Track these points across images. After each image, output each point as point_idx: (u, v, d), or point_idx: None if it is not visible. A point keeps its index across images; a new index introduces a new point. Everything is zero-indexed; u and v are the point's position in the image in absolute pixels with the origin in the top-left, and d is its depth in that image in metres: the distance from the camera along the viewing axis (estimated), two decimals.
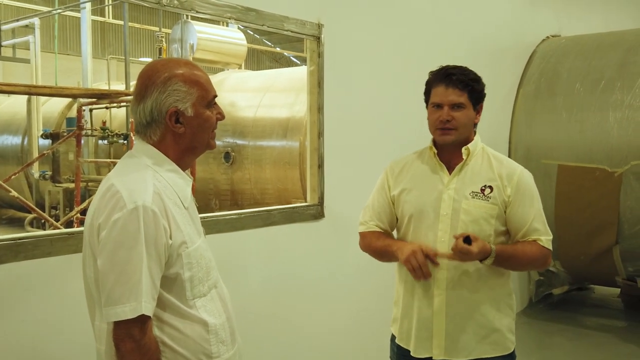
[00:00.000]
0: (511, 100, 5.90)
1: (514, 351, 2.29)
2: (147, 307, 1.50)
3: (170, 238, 1.57)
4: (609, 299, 6.42)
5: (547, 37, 6.32)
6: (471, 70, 2.24)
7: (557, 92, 5.69)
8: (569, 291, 6.22)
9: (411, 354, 2.25)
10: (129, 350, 1.50)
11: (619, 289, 6.14)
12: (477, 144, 2.26)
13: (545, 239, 2.20)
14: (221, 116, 1.72)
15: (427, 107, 2.27)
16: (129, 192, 1.53)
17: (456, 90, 2.16)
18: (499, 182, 2.20)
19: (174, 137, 1.65)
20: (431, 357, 2.22)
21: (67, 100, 9.58)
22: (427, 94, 2.27)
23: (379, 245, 2.31)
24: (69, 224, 7.11)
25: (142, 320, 1.50)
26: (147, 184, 1.56)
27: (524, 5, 6.01)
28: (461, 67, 2.25)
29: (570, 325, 5.59)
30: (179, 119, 1.63)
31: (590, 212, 5.27)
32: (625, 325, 5.77)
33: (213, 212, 3.87)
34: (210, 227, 3.00)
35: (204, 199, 6.15)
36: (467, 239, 2.05)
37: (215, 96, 1.71)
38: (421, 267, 2.10)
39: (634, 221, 5.08)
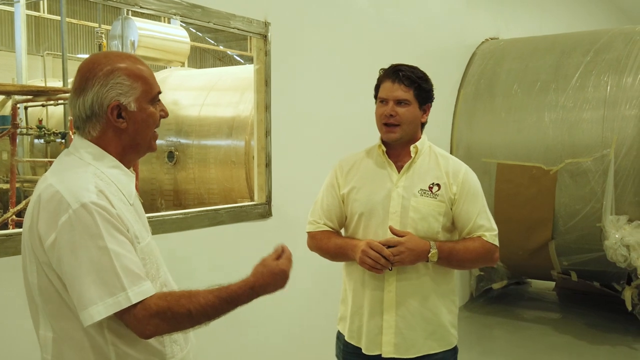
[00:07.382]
0: (453, 101, 6.04)
1: (456, 346, 2.35)
2: (137, 294, 1.41)
3: (127, 231, 1.49)
4: (545, 292, 6.68)
5: (486, 39, 6.50)
6: (420, 70, 2.27)
7: (496, 93, 5.87)
8: (508, 285, 6.43)
9: (363, 351, 2.26)
10: (155, 327, 1.43)
11: (554, 283, 6.41)
12: (424, 143, 2.30)
13: (490, 234, 2.24)
14: (165, 113, 1.65)
15: (376, 103, 2.30)
16: (70, 192, 1.44)
17: (402, 86, 2.19)
18: (445, 180, 2.23)
19: (116, 132, 1.56)
20: (381, 355, 2.23)
21: (0, 97, 9.18)
22: (377, 89, 2.29)
23: (331, 246, 2.30)
24: (3, 226, 6.81)
25: (138, 305, 1.42)
26: (89, 183, 1.47)
27: (463, 8, 6.17)
28: (412, 65, 2.27)
29: (509, 318, 5.78)
30: (121, 113, 1.55)
31: (527, 209, 5.46)
32: (560, 317, 6.02)
33: (159, 212, 3.80)
34: (156, 228, 2.95)
35: (147, 199, 6.02)
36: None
37: (160, 92, 1.65)
38: (377, 261, 2.10)
39: (568, 217, 5.29)
